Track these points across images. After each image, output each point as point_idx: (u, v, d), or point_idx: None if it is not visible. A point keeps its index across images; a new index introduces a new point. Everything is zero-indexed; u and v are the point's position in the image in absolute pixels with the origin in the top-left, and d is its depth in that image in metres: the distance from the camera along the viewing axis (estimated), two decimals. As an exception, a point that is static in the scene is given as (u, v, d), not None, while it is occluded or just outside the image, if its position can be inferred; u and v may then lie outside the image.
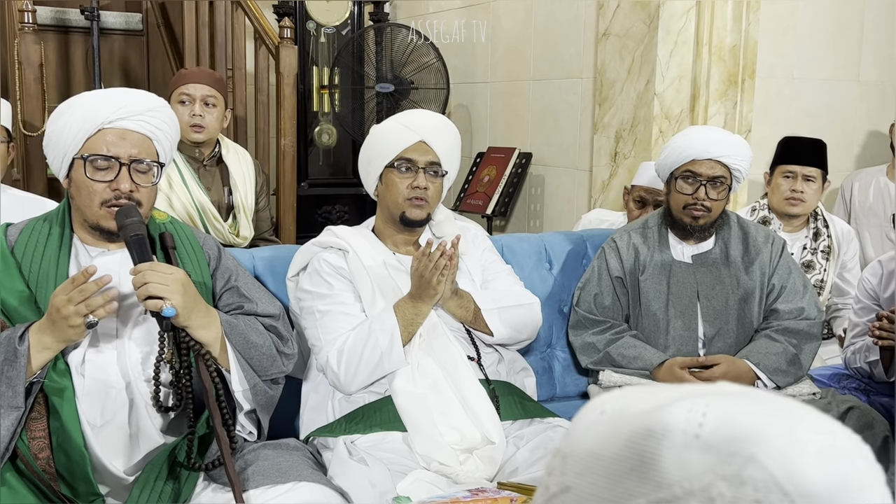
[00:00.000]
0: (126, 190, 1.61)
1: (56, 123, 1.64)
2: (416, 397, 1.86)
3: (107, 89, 1.72)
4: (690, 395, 0.50)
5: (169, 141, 1.71)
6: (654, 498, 0.46)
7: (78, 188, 1.63)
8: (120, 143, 1.62)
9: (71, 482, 1.56)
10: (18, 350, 1.50)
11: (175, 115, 1.76)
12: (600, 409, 0.53)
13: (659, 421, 0.48)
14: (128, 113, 1.63)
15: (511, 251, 2.43)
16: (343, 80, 4.77)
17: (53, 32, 4.34)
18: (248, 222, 2.83)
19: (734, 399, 0.50)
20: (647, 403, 0.51)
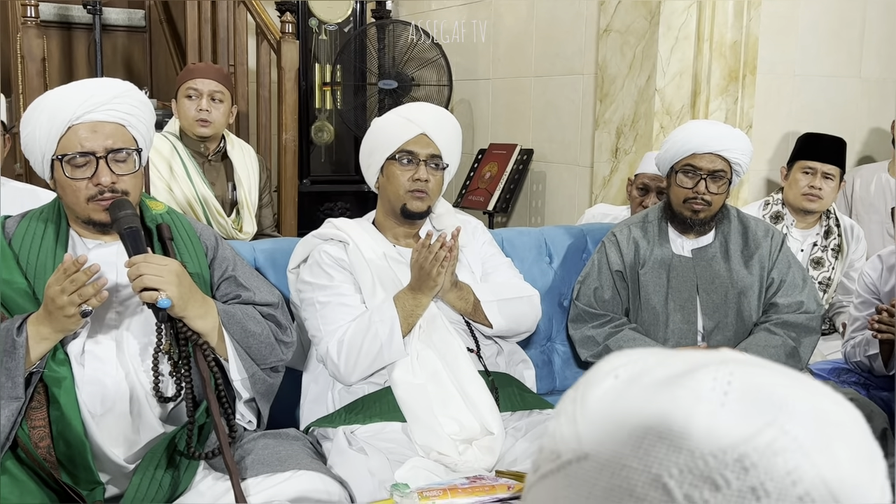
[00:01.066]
0: (108, 183, 1.59)
1: (27, 127, 1.62)
2: (416, 388, 1.86)
3: (68, 84, 1.66)
4: (713, 363, 0.49)
5: (143, 124, 1.68)
6: (687, 467, 0.45)
7: (62, 188, 1.63)
8: (93, 137, 1.59)
9: (71, 470, 1.56)
10: (17, 341, 1.51)
11: (146, 98, 1.72)
12: (613, 375, 0.51)
13: (686, 388, 0.47)
14: (94, 104, 1.60)
15: (511, 245, 2.43)
16: (345, 77, 4.77)
17: (56, 28, 4.36)
18: (251, 218, 2.84)
19: (754, 368, 0.49)
20: (667, 369, 0.49)
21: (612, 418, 0.49)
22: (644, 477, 0.46)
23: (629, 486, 0.46)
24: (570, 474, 0.49)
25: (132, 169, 1.65)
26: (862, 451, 0.47)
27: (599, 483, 0.47)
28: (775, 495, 0.44)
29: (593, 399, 0.51)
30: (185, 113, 2.73)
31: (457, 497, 1.39)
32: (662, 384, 0.48)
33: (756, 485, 0.44)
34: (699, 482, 0.45)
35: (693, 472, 0.45)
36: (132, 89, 1.68)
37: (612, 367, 0.52)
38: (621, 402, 0.49)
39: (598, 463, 0.48)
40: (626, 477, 0.47)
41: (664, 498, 0.45)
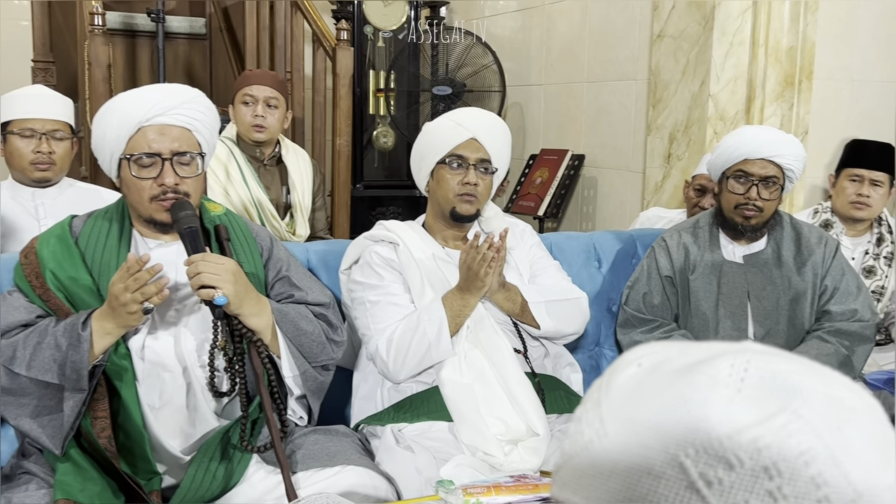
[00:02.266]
0: (171, 184, 1.66)
1: (99, 127, 1.70)
2: (463, 388, 1.89)
3: (140, 88, 1.75)
4: (731, 352, 0.51)
5: (208, 129, 1.74)
6: (703, 447, 0.47)
7: (128, 186, 1.70)
8: (160, 139, 1.66)
9: (131, 460, 1.63)
10: (82, 336, 1.57)
11: (212, 104, 1.78)
12: (637, 363, 0.54)
13: (704, 374, 0.50)
14: (164, 108, 1.67)
15: (559, 249, 2.45)
16: (399, 84, 4.83)
17: (121, 36, 4.50)
18: (304, 221, 2.89)
19: (771, 356, 0.51)
20: (686, 358, 0.52)
21: (634, 402, 0.51)
22: (662, 457, 0.49)
23: (647, 465, 0.49)
24: (594, 454, 0.51)
25: (195, 172, 1.71)
26: (876, 436, 0.48)
27: (621, 462, 0.50)
28: (788, 475, 0.46)
29: (616, 385, 0.53)
30: (241, 119, 2.81)
31: (501, 494, 1.41)
32: (682, 371, 0.51)
33: (769, 464, 0.46)
34: (714, 461, 0.47)
35: (708, 452, 0.47)
36: (200, 96, 1.75)
37: (637, 356, 0.55)
38: (642, 387, 0.52)
39: (620, 443, 0.51)
40: (645, 456, 0.49)
41: (680, 476, 0.48)
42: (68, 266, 1.68)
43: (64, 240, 1.71)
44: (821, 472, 0.46)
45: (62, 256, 1.68)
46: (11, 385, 1.60)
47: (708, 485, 0.47)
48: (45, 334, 1.60)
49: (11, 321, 1.64)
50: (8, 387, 1.61)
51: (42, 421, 1.60)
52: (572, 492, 0.53)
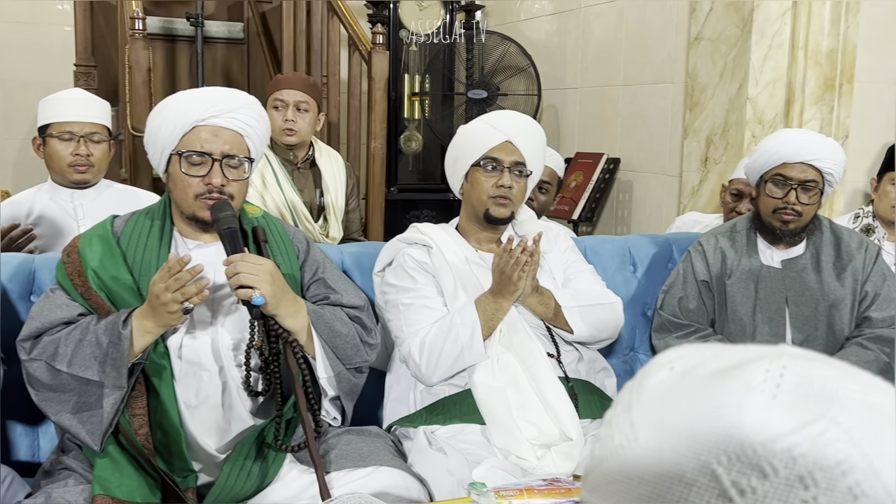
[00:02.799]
0: (218, 184, 1.69)
1: (154, 121, 1.74)
2: (496, 391, 1.89)
3: (200, 88, 1.80)
4: (766, 356, 0.49)
5: (259, 137, 1.78)
6: (736, 454, 0.46)
7: (174, 182, 1.73)
8: (213, 140, 1.70)
9: (167, 457, 1.65)
10: (122, 334, 1.59)
11: (265, 113, 1.82)
12: (669, 366, 0.52)
13: (738, 379, 0.48)
14: (220, 110, 1.70)
15: (594, 252, 2.43)
16: (433, 87, 4.84)
17: (161, 41, 4.57)
18: (337, 223, 2.91)
19: (808, 361, 0.49)
20: (720, 362, 0.50)
21: (665, 407, 0.50)
22: (693, 463, 0.47)
23: (679, 472, 0.48)
24: (623, 459, 0.50)
25: (241, 176, 1.74)
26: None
27: (651, 468, 0.49)
28: (824, 485, 0.45)
29: (648, 388, 0.52)
30: (272, 123, 2.83)
31: (533, 498, 1.40)
32: (716, 376, 0.49)
33: (804, 474, 0.45)
34: (747, 469, 0.46)
35: (741, 460, 0.46)
36: (255, 103, 1.78)
37: (669, 359, 0.53)
38: (675, 391, 0.50)
39: (650, 448, 0.49)
40: (676, 462, 0.48)
41: (712, 484, 0.46)
42: (110, 265, 1.71)
43: (106, 239, 1.74)
44: (858, 483, 0.45)
45: (104, 255, 1.71)
46: (53, 381, 1.63)
47: (741, 493, 0.46)
48: (87, 332, 1.63)
49: (53, 318, 1.67)
50: (49, 383, 1.64)
51: (82, 417, 1.63)
52: (601, 497, 0.52)
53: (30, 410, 1.84)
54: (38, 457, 1.93)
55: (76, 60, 4.32)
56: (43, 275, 1.96)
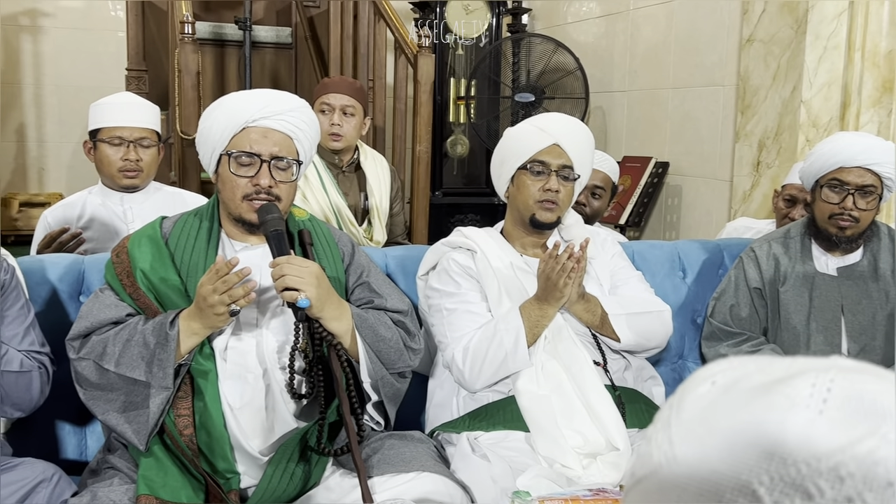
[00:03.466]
0: (266, 185, 1.69)
1: (206, 121, 1.75)
2: (540, 399, 1.86)
3: (252, 90, 1.80)
4: (813, 369, 0.47)
5: (308, 140, 1.78)
6: (779, 474, 0.44)
7: (223, 182, 1.74)
8: (262, 141, 1.70)
9: (211, 459, 1.65)
10: (169, 335, 1.60)
11: (315, 117, 1.82)
12: (711, 381, 0.50)
13: (782, 394, 0.46)
14: (271, 112, 1.71)
15: (642, 258, 2.39)
16: (479, 91, 4.83)
17: (211, 45, 4.64)
18: (381, 227, 2.91)
19: (858, 374, 0.46)
20: (765, 376, 0.48)
21: (705, 423, 0.48)
22: (733, 483, 0.45)
23: (718, 492, 0.45)
24: (662, 478, 0.48)
25: (289, 178, 1.74)
26: None
27: (689, 488, 0.47)
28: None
29: (688, 403, 0.50)
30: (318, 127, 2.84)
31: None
32: (759, 390, 0.47)
33: (853, 495, 0.42)
34: (790, 490, 0.43)
35: (784, 480, 0.44)
36: (305, 106, 1.78)
37: (711, 373, 0.51)
38: (715, 407, 0.48)
39: (689, 467, 0.47)
40: (715, 482, 0.46)
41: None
42: (158, 266, 1.72)
43: (154, 240, 1.75)
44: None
45: (152, 256, 1.73)
46: (100, 380, 1.65)
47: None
48: (135, 332, 1.64)
49: (102, 318, 1.69)
50: (97, 382, 1.65)
51: (129, 416, 1.64)
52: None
53: (78, 409, 1.87)
54: (85, 455, 1.95)
55: (128, 65, 4.41)
56: (92, 275, 1.99)
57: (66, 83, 5.66)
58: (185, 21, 3.18)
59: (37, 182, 5.80)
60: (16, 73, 5.65)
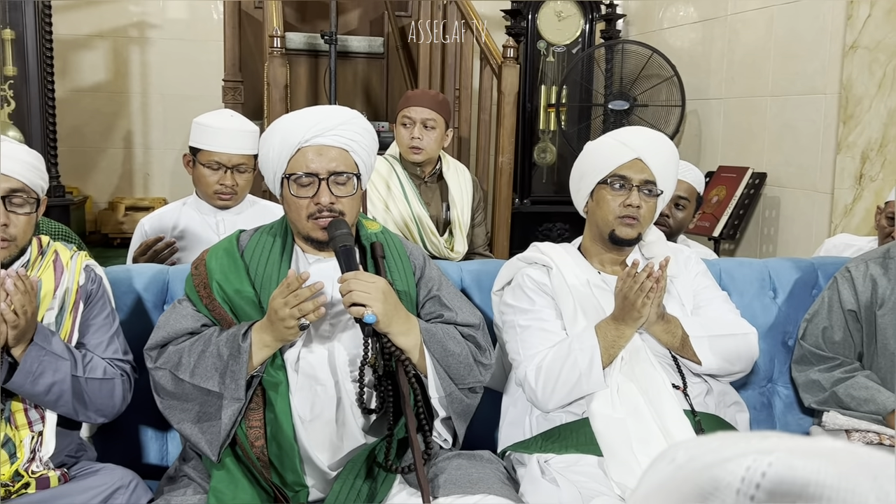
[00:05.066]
0: (326, 203, 1.70)
1: (263, 147, 1.78)
2: (615, 422, 1.80)
3: (302, 109, 1.80)
4: (756, 451, 0.45)
5: (365, 150, 1.78)
6: None
7: (288, 204, 1.76)
8: (318, 160, 1.71)
9: (280, 471, 1.67)
10: (242, 346, 1.63)
11: (369, 125, 1.81)
12: (671, 457, 0.50)
13: (713, 478, 0.45)
14: (322, 129, 1.71)
15: (730, 276, 2.29)
16: (571, 98, 4.76)
17: (305, 56, 4.74)
18: (462, 238, 2.90)
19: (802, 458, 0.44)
20: (715, 455, 0.47)
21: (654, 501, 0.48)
22: None
23: None
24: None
25: (350, 192, 1.74)
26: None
27: None
28: None
29: (646, 478, 0.50)
30: (400, 139, 2.86)
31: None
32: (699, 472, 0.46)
33: None
34: None
35: None
36: (357, 117, 1.78)
37: (676, 449, 0.50)
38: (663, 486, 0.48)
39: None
40: None
41: None
42: (234, 278, 1.75)
43: (231, 253, 1.79)
44: None
45: (228, 269, 1.76)
46: (176, 390, 1.69)
47: None
48: (209, 343, 1.67)
49: (179, 329, 1.73)
50: (173, 391, 1.70)
51: (203, 427, 1.68)
52: None
53: (160, 416, 1.91)
54: (166, 461, 2.01)
55: (224, 76, 4.54)
56: (176, 285, 2.05)
57: (171, 92, 5.90)
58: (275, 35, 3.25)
59: (142, 187, 6.06)
60: (124, 83, 5.92)
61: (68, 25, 5.56)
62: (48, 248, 1.78)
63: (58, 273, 1.75)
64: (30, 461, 1.66)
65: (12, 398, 1.65)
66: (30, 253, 1.74)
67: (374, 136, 1.82)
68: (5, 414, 1.65)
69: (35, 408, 1.68)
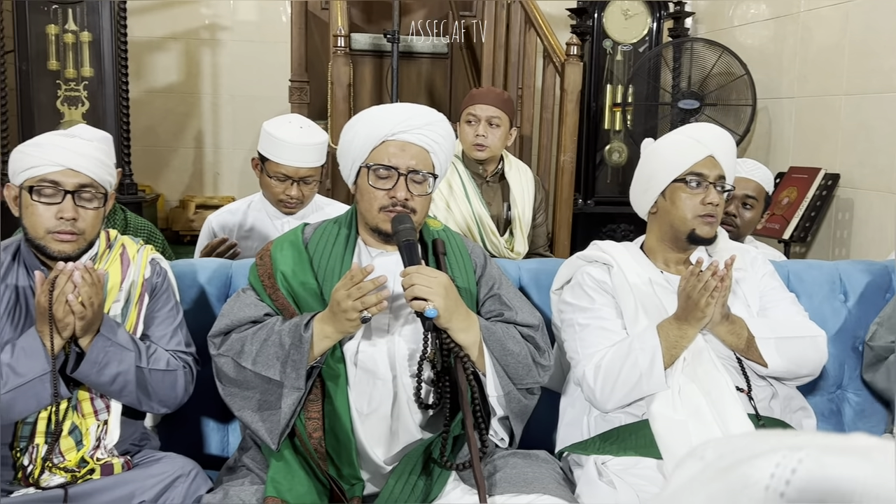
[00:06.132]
0: (402, 198, 1.72)
1: (347, 134, 1.80)
2: (676, 424, 1.76)
3: (391, 104, 1.84)
4: (786, 447, 0.44)
5: (444, 153, 1.80)
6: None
7: (362, 193, 1.78)
8: (400, 154, 1.74)
9: (337, 464, 1.68)
10: (303, 337, 1.65)
11: (452, 130, 1.83)
12: (700, 455, 0.49)
13: (742, 476, 0.43)
14: (409, 126, 1.74)
15: (798, 279, 2.22)
16: (637, 98, 4.69)
17: (370, 56, 4.77)
18: (523, 238, 2.87)
19: (832, 455, 0.42)
20: (744, 453, 0.45)
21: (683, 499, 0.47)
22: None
23: None
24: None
25: (425, 191, 1.77)
26: None
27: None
28: None
29: (676, 475, 0.49)
30: (464, 137, 2.85)
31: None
32: (728, 470, 0.45)
33: None
34: None
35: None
36: (442, 120, 1.81)
37: (705, 447, 0.50)
38: (692, 483, 0.47)
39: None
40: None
41: None
42: (298, 269, 1.78)
43: (296, 244, 1.81)
44: None
45: (293, 260, 1.79)
46: (238, 377, 1.72)
47: None
48: (272, 332, 1.70)
49: (242, 317, 1.76)
50: (235, 378, 1.72)
51: (263, 415, 1.70)
52: None
53: (222, 407, 1.95)
54: (226, 451, 2.04)
55: (291, 76, 4.61)
56: (239, 279, 2.08)
57: (240, 93, 6.02)
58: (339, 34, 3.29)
59: (212, 186, 6.20)
60: (195, 84, 6.07)
61: (143, 28, 5.72)
62: (115, 242, 1.83)
63: (124, 266, 1.79)
64: (95, 448, 1.71)
65: (79, 387, 1.70)
66: (98, 246, 1.79)
67: (454, 141, 1.85)
68: (72, 402, 1.70)
69: (101, 397, 1.73)
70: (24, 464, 1.66)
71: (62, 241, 1.69)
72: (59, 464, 1.67)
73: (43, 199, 1.69)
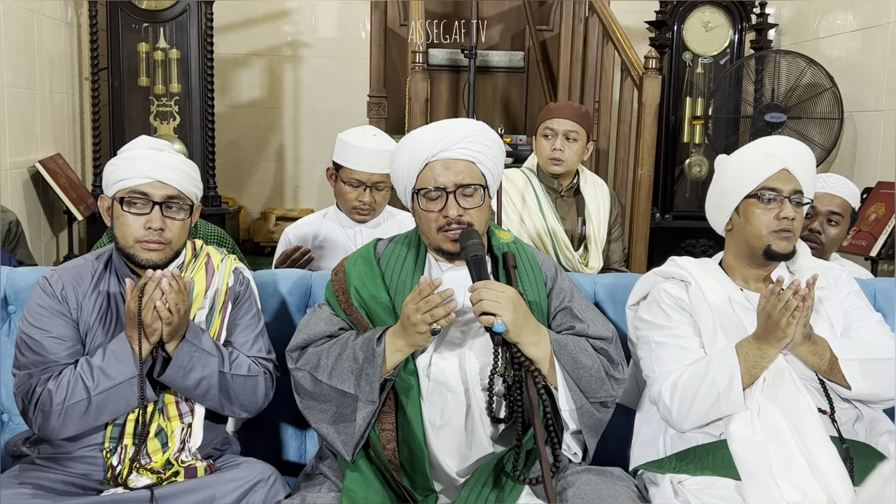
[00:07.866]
0: (455, 216, 1.74)
1: (394, 163, 1.84)
2: (755, 446, 1.72)
3: (429, 125, 1.84)
4: None
5: (492, 160, 1.79)
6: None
7: (419, 217, 1.81)
8: (444, 174, 1.75)
9: (411, 475, 1.70)
10: (376, 350, 1.68)
11: (496, 134, 1.83)
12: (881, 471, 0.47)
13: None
14: (448, 143, 1.75)
15: (885, 297, 2.15)
16: (718, 111, 4.62)
17: (448, 72, 4.82)
18: (598, 253, 2.85)
19: None
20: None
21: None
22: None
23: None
24: None
25: (478, 203, 1.77)
26: None
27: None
28: None
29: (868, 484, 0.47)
30: (540, 151, 2.85)
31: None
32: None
33: None
34: None
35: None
36: (483, 128, 1.81)
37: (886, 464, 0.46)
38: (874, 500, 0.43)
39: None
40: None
41: None
42: (370, 284, 1.81)
43: (368, 260, 1.85)
44: None
45: (366, 275, 1.82)
46: (314, 390, 1.76)
47: None
48: (346, 346, 1.73)
49: (318, 331, 1.80)
50: (312, 391, 1.76)
51: (339, 427, 1.73)
52: None
53: (300, 415, 1.98)
54: (304, 458, 2.09)
55: (369, 91, 4.69)
56: (318, 290, 2.13)
57: (320, 108, 6.16)
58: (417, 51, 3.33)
59: (292, 198, 6.35)
60: (278, 99, 6.23)
61: (228, 45, 5.91)
62: (201, 251, 1.90)
63: (209, 275, 1.86)
64: (179, 451, 1.77)
65: (165, 391, 1.77)
66: (184, 255, 1.86)
67: (501, 145, 1.85)
68: (159, 405, 1.77)
69: (185, 401, 1.79)
70: (114, 464, 1.74)
71: (150, 250, 1.77)
72: (146, 465, 1.73)
73: (133, 209, 1.77)
